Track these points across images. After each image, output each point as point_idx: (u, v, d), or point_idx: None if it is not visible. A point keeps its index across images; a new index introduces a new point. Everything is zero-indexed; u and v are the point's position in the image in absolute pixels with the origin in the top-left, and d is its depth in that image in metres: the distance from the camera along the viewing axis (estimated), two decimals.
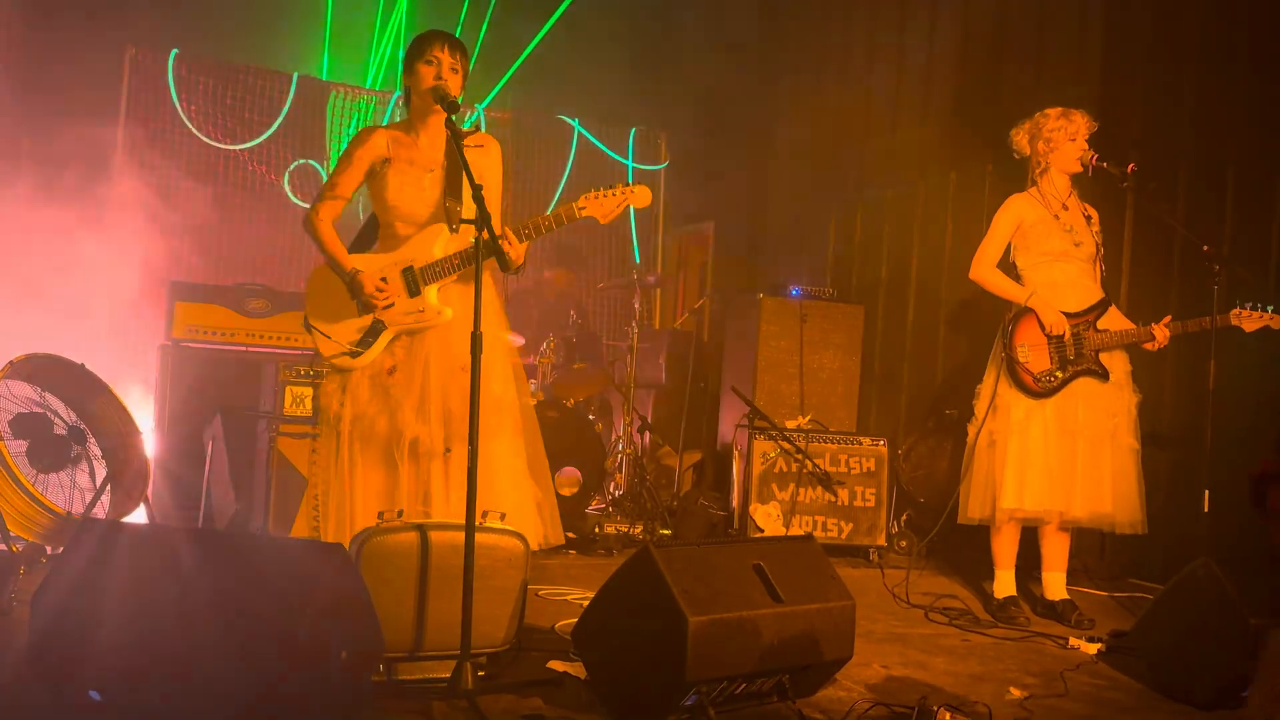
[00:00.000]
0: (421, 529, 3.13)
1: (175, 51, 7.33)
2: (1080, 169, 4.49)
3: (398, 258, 3.62)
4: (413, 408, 3.53)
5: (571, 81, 8.47)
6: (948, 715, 2.96)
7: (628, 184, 3.60)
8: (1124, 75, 5.65)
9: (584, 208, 3.55)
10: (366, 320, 3.60)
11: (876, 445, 5.78)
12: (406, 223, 3.64)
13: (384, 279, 3.56)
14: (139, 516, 4.72)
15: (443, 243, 3.58)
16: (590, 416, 6.26)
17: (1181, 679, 3.44)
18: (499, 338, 3.68)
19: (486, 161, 3.65)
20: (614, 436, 6.67)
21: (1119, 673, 3.71)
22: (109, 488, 4.59)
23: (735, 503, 5.87)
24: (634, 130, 8.91)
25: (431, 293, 3.57)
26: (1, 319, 5.08)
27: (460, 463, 3.50)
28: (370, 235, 3.77)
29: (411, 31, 8.04)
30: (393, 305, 3.58)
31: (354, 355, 3.59)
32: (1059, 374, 4.41)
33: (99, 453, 4.67)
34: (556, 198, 8.45)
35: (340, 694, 2.64)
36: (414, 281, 3.58)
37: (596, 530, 5.60)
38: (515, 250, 3.49)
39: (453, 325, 3.57)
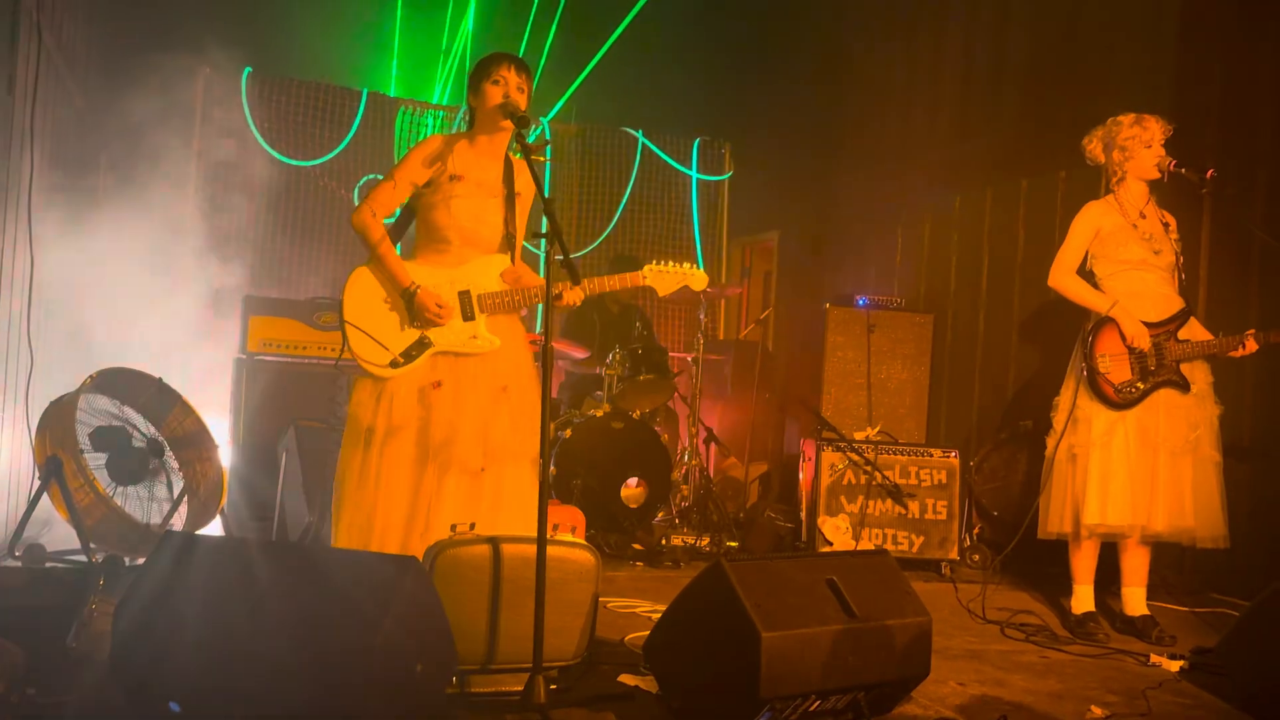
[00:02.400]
0: (494, 541, 3.14)
1: (249, 70, 7.48)
2: (1158, 175, 4.39)
3: (454, 276, 3.64)
4: (450, 423, 3.56)
5: (635, 94, 8.51)
6: None
7: (693, 265, 3.76)
8: (1199, 76, 5.53)
9: (646, 277, 3.68)
10: (414, 334, 3.62)
11: (948, 457, 5.70)
12: (464, 241, 3.66)
13: (439, 302, 3.59)
14: (215, 528, 4.80)
15: (499, 271, 3.66)
16: (656, 428, 6.25)
17: (1269, 699, 3.34)
18: (531, 368, 3.75)
19: (523, 184, 3.73)
20: (680, 448, 6.65)
21: (1203, 691, 3.61)
22: (185, 500, 4.67)
23: (803, 515, 5.82)
24: (698, 141, 8.90)
25: (484, 321, 3.62)
26: (83, 335, 5.20)
27: (497, 480, 3.58)
28: (404, 228, 3.81)
29: (477, 47, 8.13)
30: (445, 325, 3.62)
31: (395, 366, 3.59)
32: (1140, 385, 4.31)
33: (176, 465, 4.75)
34: (620, 208, 8.47)
35: (415, 706, 2.65)
36: (470, 306, 3.61)
37: (664, 542, 5.59)
38: (573, 296, 3.54)
39: (500, 349, 3.65)
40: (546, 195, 3.26)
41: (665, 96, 8.50)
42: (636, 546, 5.69)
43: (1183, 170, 4.34)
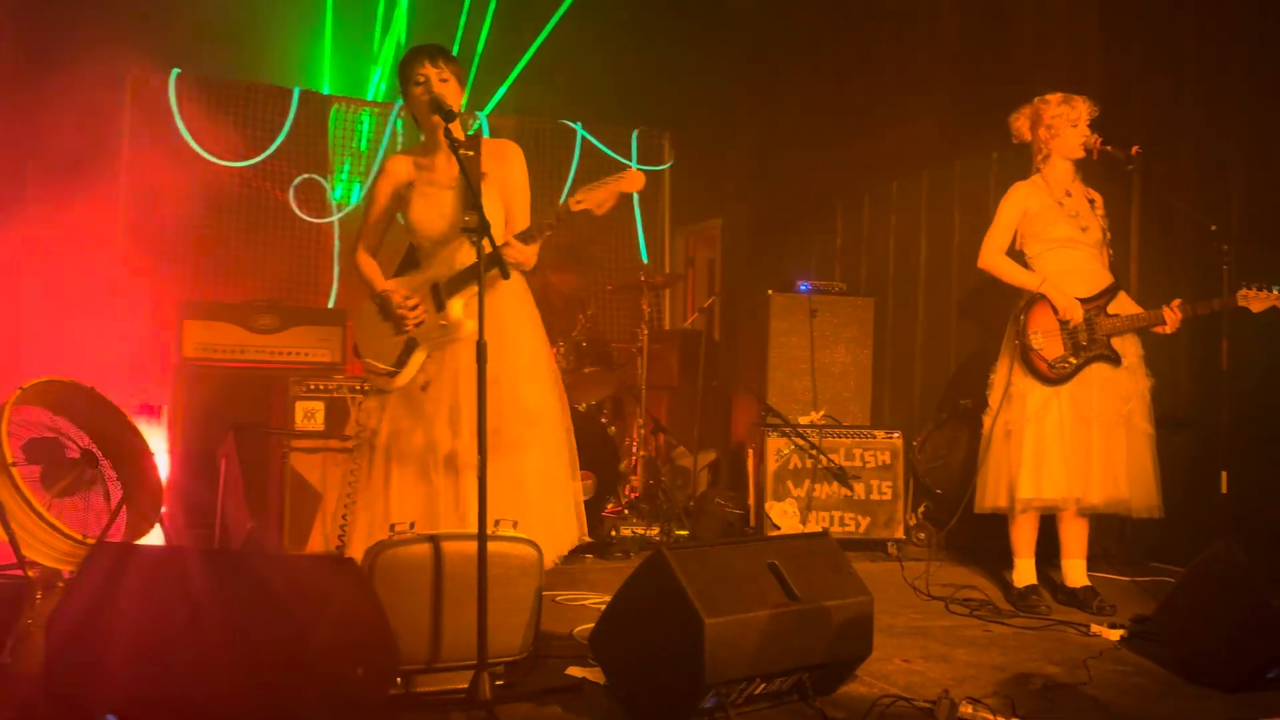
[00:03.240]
0: (434, 540, 3.12)
1: (176, 71, 7.35)
2: (1083, 154, 4.46)
3: (425, 276, 3.67)
4: (445, 421, 3.55)
5: (573, 86, 8.48)
6: (970, 708, 2.94)
7: (625, 169, 3.56)
8: (1124, 55, 5.61)
9: (581, 201, 3.51)
10: (401, 340, 3.65)
11: (891, 438, 5.75)
12: (432, 241, 3.68)
13: (407, 295, 3.61)
14: (155, 538, 4.72)
15: (463, 256, 3.59)
16: (603, 420, 6.24)
17: (1206, 663, 3.41)
18: (531, 347, 3.69)
19: (507, 170, 3.68)
20: (627, 439, 6.65)
21: (1143, 658, 3.68)
22: (124, 510, 4.60)
23: (751, 501, 5.85)
24: (637, 131, 8.89)
25: (456, 306, 3.59)
26: (12, 345, 5.10)
27: (494, 475, 3.51)
28: (410, 262, 3.82)
29: (411, 41, 8.05)
30: (423, 323, 3.62)
31: (392, 375, 3.63)
32: (1072, 360, 4.37)
33: (113, 475, 4.67)
34: (562, 201, 8.42)
35: (357, 709, 2.63)
36: (439, 296, 3.60)
37: (613, 534, 5.58)
38: (522, 254, 3.52)
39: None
40: (476, 189, 3.21)
41: (602, 88, 8.48)
42: (586, 539, 5.67)
43: (1108, 148, 4.40)
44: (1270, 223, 4.88)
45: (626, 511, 6.10)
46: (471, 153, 3.57)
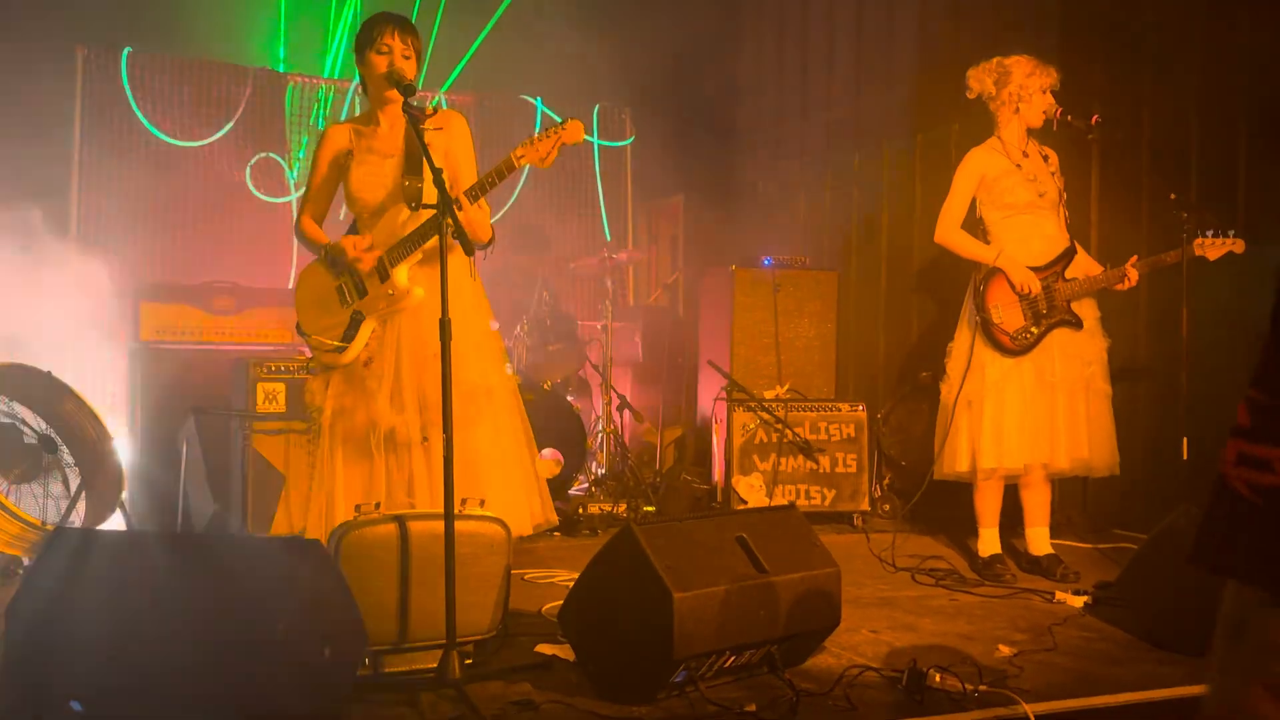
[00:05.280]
0: (400, 520, 3.10)
1: (128, 50, 7.21)
2: (1043, 121, 4.47)
3: (360, 243, 3.55)
4: (387, 397, 3.50)
5: (532, 61, 8.39)
6: (938, 676, 2.96)
7: (566, 121, 3.40)
8: (1083, 23, 5.63)
9: (522, 156, 3.40)
10: (346, 314, 3.58)
11: (855, 410, 5.78)
12: (371, 210, 3.61)
13: (355, 243, 3.50)
14: (116, 523, 4.66)
15: (404, 222, 3.53)
16: (568, 398, 6.23)
17: (1168, 627, 3.45)
18: (473, 322, 3.62)
19: (451, 140, 3.61)
20: (593, 416, 6.64)
21: (1106, 624, 3.73)
22: (84, 495, 4.54)
23: (718, 476, 5.86)
24: (598, 107, 8.84)
25: (400, 274, 3.52)
26: None
27: (440, 451, 3.47)
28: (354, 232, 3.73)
29: (368, 17, 7.92)
30: (367, 293, 3.54)
31: (339, 351, 3.56)
32: (1034, 330, 4.40)
33: (71, 460, 4.61)
34: (522, 178, 8.37)
35: (324, 690, 2.61)
36: (383, 266, 3.53)
37: (580, 511, 5.58)
38: (469, 215, 3.38)
39: (422, 311, 3.51)
40: (436, 167, 3.17)
41: (562, 63, 8.38)
42: (553, 521, 5.67)
43: (1069, 118, 4.42)
44: (1226, 188, 4.93)
45: (594, 489, 6.10)
46: (440, 128, 3.53)
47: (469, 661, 3.11)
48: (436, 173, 3.11)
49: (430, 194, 3.45)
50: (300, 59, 8.11)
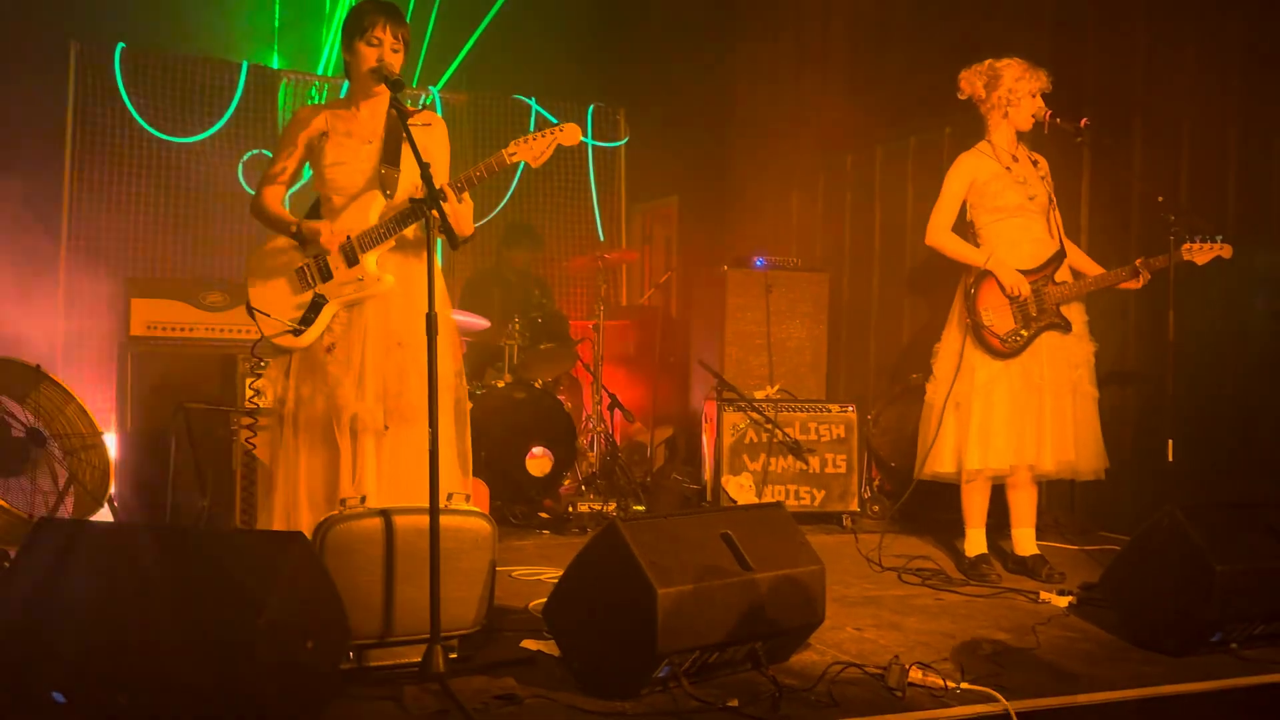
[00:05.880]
0: (386, 514, 3.10)
1: (122, 45, 7.21)
2: (1032, 125, 4.49)
3: (335, 228, 3.54)
4: (352, 384, 3.49)
5: (526, 61, 8.40)
6: (921, 673, 2.97)
7: (563, 124, 3.47)
8: (1076, 29, 5.65)
9: (514, 153, 3.44)
10: (307, 296, 3.55)
11: (845, 411, 5.79)
12: (343, 195, 3.59)
13: (326, 227, 3.48)
14: (104, 517, 4.66)
15: (378, 209, 3.53)
16: (559, 396, 6.23)
17: (1151, 628, 3.47)
18: (442, 314, 3.61)
19: (432, 140, 3.60)
20: (584, 415, 6.64)
21: (1090, 624, 3.74)
22: (71, 489, 4.54)
23: (707, 476, 5.87)
24: (592, 107, 8.85)
25: (370, 261, 3.51)
26: None
27: (395, 442, 3.48)
28: (315, 215, 3.71)
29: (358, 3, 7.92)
30: (332, 277, 3.52)
31: (296, 333, 3.53)
32: (1024, 333, 4.42)
33: (60, 455, 4.61)
34: (516, 178, 8.39)
35: (308, 684, 2.62)
36: (351, 251, 3.52)
37: (570, 509, 5.58)
38: (454, 208, 3.36)
39: (391, 300, 3.52)
40: (424, 161, 3.18)
41: (556, 63, 8.41)
42: (543, 515, 5.68)
43: (1058, 121, 4.43)
44: (1215, 193, 4.95)
45: (584, 487, 6.10)
46: (429, 124, 3.54)
47: (453, 656, 3.11)
48: (425, 167, 3.12)
49: (405, 186, 3.47)
50: (293, 56, 8.11)
